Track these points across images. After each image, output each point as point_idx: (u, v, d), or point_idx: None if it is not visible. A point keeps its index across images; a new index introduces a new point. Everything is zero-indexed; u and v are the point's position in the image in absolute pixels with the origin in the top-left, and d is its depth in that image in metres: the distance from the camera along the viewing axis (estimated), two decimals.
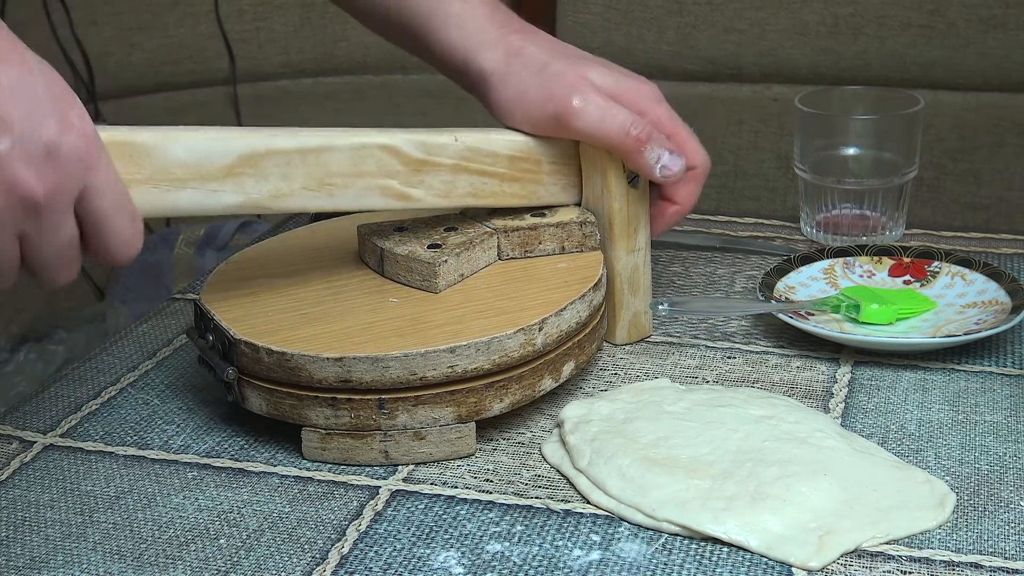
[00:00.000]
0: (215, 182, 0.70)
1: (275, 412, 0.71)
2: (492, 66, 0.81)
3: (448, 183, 0.78)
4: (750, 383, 0.78)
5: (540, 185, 0.82)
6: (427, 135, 0.77)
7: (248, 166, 0.71)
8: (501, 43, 0.82)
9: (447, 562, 0.62)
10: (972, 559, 0.61)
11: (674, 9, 1.58)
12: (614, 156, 0.79)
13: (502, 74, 0.81)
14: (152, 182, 0.68)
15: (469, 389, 0.70)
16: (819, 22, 1.51)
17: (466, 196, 0.79)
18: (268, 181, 0.72)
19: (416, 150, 0.77)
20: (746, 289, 0.92)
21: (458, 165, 0.78)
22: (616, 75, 0.81)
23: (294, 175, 0.73)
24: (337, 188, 0.74)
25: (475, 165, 0.79)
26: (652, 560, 0.62)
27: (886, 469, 0.67)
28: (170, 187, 0.69)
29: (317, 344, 0.70)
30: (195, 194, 0.70)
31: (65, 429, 0.76)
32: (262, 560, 0.63)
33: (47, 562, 0.64)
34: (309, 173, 0.73)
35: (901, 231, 1.00)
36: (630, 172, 0.80)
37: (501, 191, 0.80)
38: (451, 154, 0.78)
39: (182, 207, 0.70)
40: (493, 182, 0.80)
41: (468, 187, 0.79)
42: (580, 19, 1.63)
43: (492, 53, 0.82)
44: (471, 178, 0.79)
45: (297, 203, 0.74)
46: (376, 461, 0.71)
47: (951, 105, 1.52)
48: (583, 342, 0.76)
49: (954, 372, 0.79)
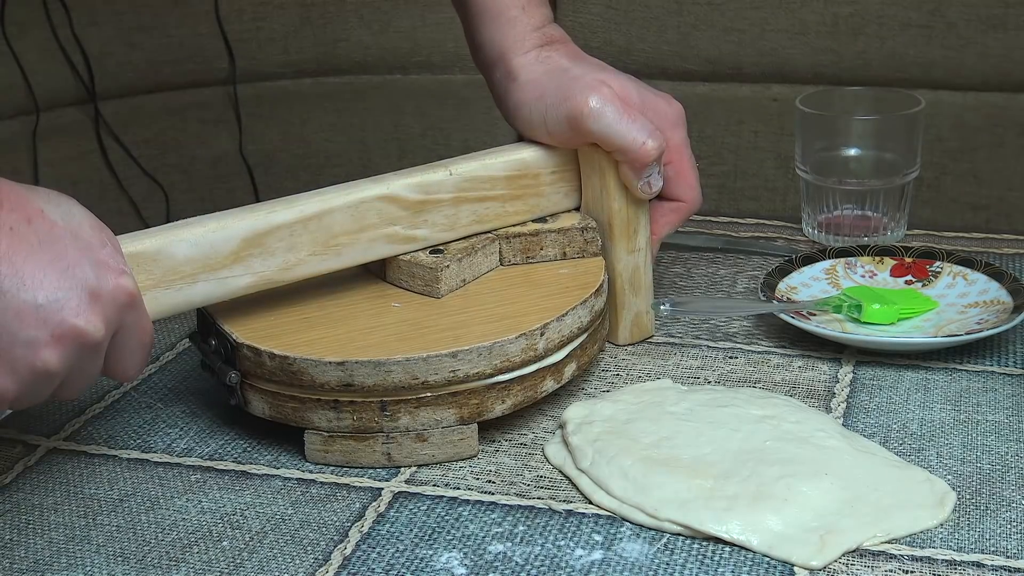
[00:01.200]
0: (224, 269, 0.71)
1: (278, 415, 0.71)
2: (519, 71, 0.82)
3: (451, 216, 0.79)
4: (752, 383, 0.78)
5: (542, 197, 0.82)
6: (422, 174, 0.78)
7: (253, 247, 0.72)
8: (534, 51, 0.83)
9: (449, 563, 0.62)
10: (974, 558, 0.61)
11: (674, 9, 1.58)
12: (614, 158, 0.79)
13: (525, 79, 0.82)
14: (164, 284, 0.70)
15: (471, 391, 0.70)
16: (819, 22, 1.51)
17: (471, 224, 0.80)
18: (275, 256, 0.73)
19: (414, 192, 0.77)
20: (748, 289, 0.92)
21: (458, 197, 0.79)
22: (641, 89, 0.82)
23: (299, 244, 0.74)
24: (344, 247, 0.75)
25: (474, 194, 0.79)
26: (654, 560, 0.62)
27: (887, 468, 0.67)
28: (182, 284, 0.70)
29: (319, 348, 0.70)
30: (206, 286, 0.71)
31: (69, 433, 0.76)
32: (265, 562, 0.63)
33: (51, 565, 0.64)
34: (314, 239, 0.74)
35: (902, 231, 1.00)
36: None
37: (504, 212, 0.81)
38: (449, 188, 0.78)
39: (196, 300, 0.71)
40: (495, 205, 0.80)
41: (471, 216, 0.80)
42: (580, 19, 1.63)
43: (523, 59, 0.82)
44: (473, 206, 0.79)
45: (307, 270, 0.75)
46: (379, 463, 0.71)
47: (951, 105, 1.51)
48: (585, 344, 0.76)
49: (956, 372, 0.79)
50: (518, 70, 0.82)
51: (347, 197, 0.75)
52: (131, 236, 0.69)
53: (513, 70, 0.82)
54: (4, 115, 1.71)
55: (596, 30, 1.62)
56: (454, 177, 0.78)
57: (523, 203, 0.81)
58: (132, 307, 0.64)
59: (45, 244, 0.61)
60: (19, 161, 1.73)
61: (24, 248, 0.61)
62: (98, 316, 0.62)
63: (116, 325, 0.64)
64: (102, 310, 0.62)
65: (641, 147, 0.77)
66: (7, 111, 1.71)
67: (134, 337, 0.66)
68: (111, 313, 0.63)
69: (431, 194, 0.77)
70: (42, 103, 1.71)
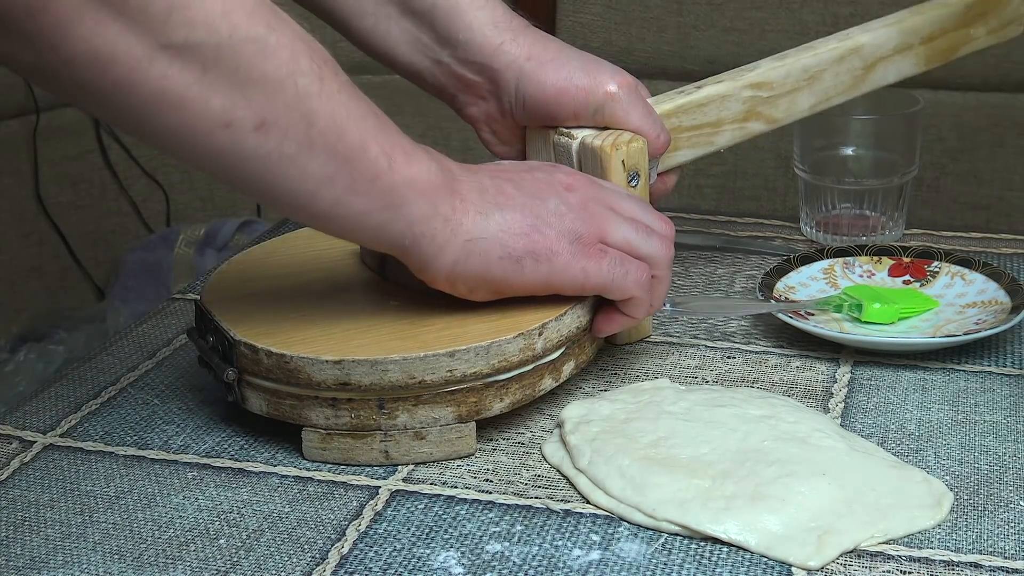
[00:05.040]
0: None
1: (275, 412, 0.71)
2: (527, 53, 0.81)
3: None
4: (750, 383, 0.78)
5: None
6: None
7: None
8: (521, 36, 0.82)
9: (447, 562, 0.62)
10: (972, 559, 0.61)
11: (674, 9, 1.58)
12: (615, 154, 0.79)
13: (540, 60, 0.81)
14: None
15: (469, 389, 0.70)
16: (819, 22, 1.51)
17: None
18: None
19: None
20: (746, 289, 0.92)
21: None
22: None
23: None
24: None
25: None
26: (652, 560, 0.62)
27: (884, 469, 0.67)
28: None
29: (316, 346, 0.70)
30: None
31: (65, 429, 0.76)
32: (262, 560, 0.63)
33: (47, 562, 0.64)
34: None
35: (901, 231, 1.00)
36: (630, 171, 0.80)
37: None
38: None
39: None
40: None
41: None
42: (580, 19, 1.63)
43: (517, 46, 0.82)
44: None
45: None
46: (376, 461, 0.71)
47: (951, 105, 1.52)
48: (584, 342, 0.76)
49: (954, 372, 0.79)
50: (526, 55, 0.82)
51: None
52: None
53: (518, 59, 0.82)
54: (4, 115, 1.71)
55: (596, 30, 1.62)
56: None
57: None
58: None
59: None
60: (19, 161, 1.73)
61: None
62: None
63: None
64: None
65: (661, 132, 0.81)
66: (7, 111, 1.71)
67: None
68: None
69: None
70: (42, 103, 1.71)
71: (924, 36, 0.93)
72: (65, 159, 1.76)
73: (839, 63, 0.90)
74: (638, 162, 0.80)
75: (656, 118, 0.81)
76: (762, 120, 0.89)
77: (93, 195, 1.81)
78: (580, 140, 0.80)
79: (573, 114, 0.80)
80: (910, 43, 0.93)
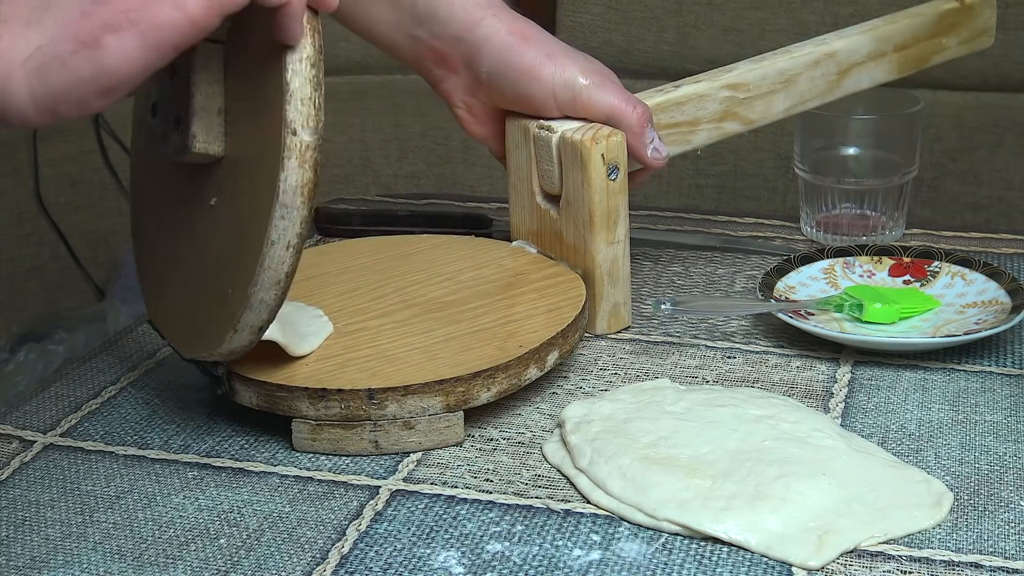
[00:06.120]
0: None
1: (265, 404, 0.72)
2: (508, 28, 0.83)
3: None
4: (750, 383, 0.78)
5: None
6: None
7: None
8: (503, 13, 0.84)
9: (447, 562, 0.62)
10: (972, 559, 0.61)
11: (674, 9, 1.58)
12: (594, 148, 0.79)
13: (523, 35, 0.83)
14: None
15: (457, 379, 0.71)
16: (819, 22, 1.51)
17: None
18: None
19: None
20: (746, 289, 0.92)
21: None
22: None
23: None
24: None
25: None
26: (652, 560, 0.62)
27: (884, 469, 0.67)
28: None
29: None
30: None
31: (65, 428, 0.76)
32: (262, 560, 0.63)
33: (47, 562, 0.64)
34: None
35: (901, 231, 1.00)
36: (610, 165, 0.80)
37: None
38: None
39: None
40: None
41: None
42: (580, 19, 1.63)
43: (499, 21, 0.84)
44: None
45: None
46: (366, 451, 0.71)
47: (951, 105, 1.51)
48: (566, 332, 0.76)
49: (954, 372, 0.79)
50: (509, 30, 0.84)
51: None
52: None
53: (500, 32, 0.84)
54: None
55: (596, 30, 1.62)
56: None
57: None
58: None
59: None
60: (19, 161, 1.73)
61: None
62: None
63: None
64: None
65: (633, 110, 0.82)
66: None
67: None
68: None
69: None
70: None
71: (897, 44, 0.94)
72: (65, 159, 1.76)
73: (814, 67, 0.91)
74: (617, 155, 0.81)
75: (629, 95, 0.83)
76: (738, 120, 0.89)
77: (93, 195, 1.81)
78: (560, 134, 0.82)
79: (551, 90, 0.82)
80: (883, 50, 0.94)
